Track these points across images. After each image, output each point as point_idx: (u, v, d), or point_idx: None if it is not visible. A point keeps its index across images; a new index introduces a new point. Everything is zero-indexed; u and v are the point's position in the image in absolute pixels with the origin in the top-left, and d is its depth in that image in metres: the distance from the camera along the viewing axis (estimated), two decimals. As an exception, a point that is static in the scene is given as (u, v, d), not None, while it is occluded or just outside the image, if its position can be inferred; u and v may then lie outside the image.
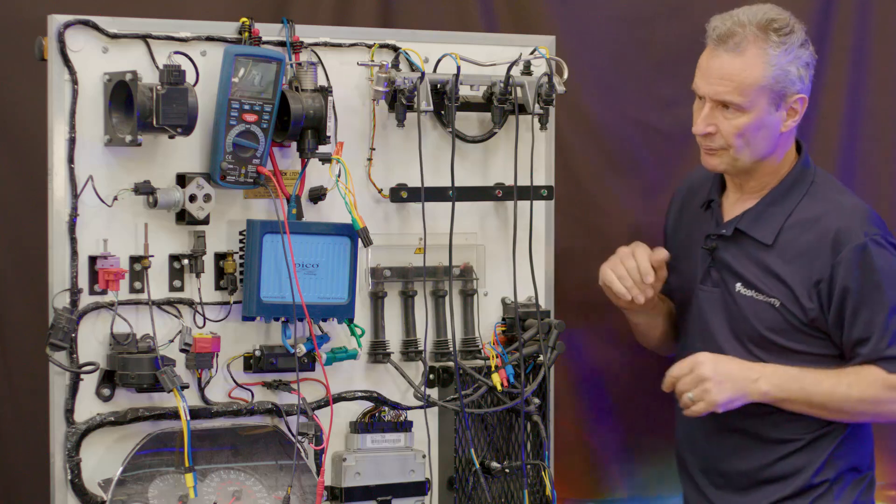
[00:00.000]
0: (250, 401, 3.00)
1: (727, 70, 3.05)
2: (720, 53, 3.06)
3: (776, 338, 3.11)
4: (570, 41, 3.48)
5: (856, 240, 3.04)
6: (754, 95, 3.04)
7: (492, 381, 3.18)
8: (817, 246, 3.07)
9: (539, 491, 3.26)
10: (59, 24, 2.81)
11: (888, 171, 4.00)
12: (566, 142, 3.62)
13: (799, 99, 3.08)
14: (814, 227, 3.09)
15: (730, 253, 3.16)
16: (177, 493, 2.88)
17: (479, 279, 3.24)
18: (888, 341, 3.04)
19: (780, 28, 3.05)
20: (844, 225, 3.06)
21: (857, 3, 3.92)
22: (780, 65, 3.03)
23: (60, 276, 2.83)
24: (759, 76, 3.03)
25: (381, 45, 3.10)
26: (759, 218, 3.14)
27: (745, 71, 3.03)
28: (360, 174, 3.10)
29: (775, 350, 3.11)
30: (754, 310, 3.12)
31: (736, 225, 3.15)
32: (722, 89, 3.05)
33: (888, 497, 4.09)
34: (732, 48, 3.04)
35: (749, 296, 3.13)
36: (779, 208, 3.13)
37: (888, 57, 3.95)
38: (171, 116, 2.78)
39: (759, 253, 3.12)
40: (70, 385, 2.84)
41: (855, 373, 3.06)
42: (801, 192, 3.14)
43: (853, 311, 3.05)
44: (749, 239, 3.14)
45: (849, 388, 3.06)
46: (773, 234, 3.11)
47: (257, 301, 2.93)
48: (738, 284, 3.14)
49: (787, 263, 3.09)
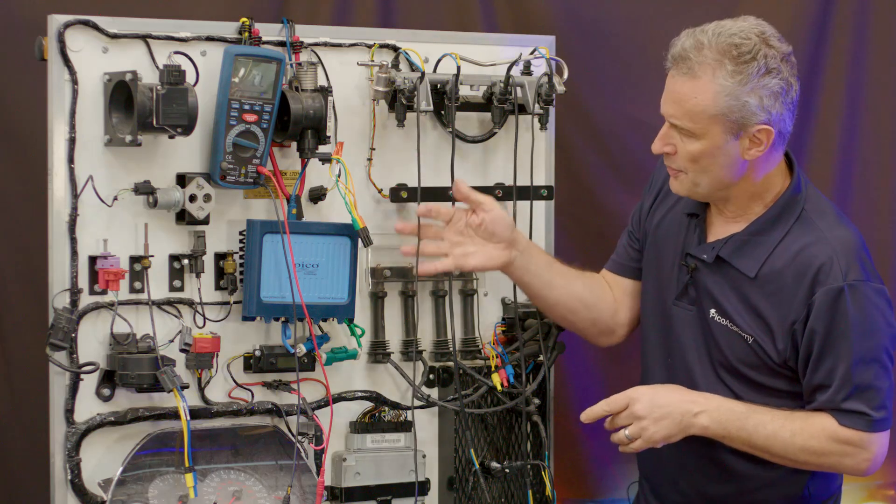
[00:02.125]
0: (250, 401, 3.00)
1: (678, 94, 2.86)
2: (674, 75, 2.87)
3: (746, 371, 2.96)
4: (570, 41, 3.48)
5: (833, 282, 2.86)
6: (705, 123, 2.84)
7: (492, 381, 3.18)
8: (797, 283, 2.89)
9: (539, 491, 3.26)
10: (59, 24, 2.81)
11: (888, 171, 4.00)
12: (566, 142, 3.62)
13: (763, 130, 2.84)
14: (796, 261, 2.90)
15: (709, 278, 2.98)
16: (177, 493, 2.88)
17: (479, 279, 3.24)
18: (846, 393, 2.88)
19: (741, 55, 2.82)
20: (826, 264, 2.87)
21: (857, 3, 3.92)
22: (735, 95, 2.81)
23: (60, 276, 2.83)
24: (709, 105, 2.82)
25: (381, 45, 3.11)
26: (743, 248, 2.95)
27: (695, 98, 2.83)
28: (360, 174, 3.10)
29: (744, 381, 2.97)
30: (727, 339, 2.96)
31: (718, 252, 2.96)
32: (672, 111, 2.87)
33: (887, 497, 4.10)
34: (685, 72, 2.85)
35: (723, 324, 2.96)
36: (765, 238, 2.94)
37: (888, 57, 3.96)
38: (171, 116, 2.78)
39: (740, 284, 2.95)
40: (70, 385, 2.84)
41: (803, 419, 2.91)
42: (788, 222, 2.94)
43: (817, 356, 2.89)
44: (731, 268, 2.96)
45: (792, 435, 2.90)
46: (756, 267, 2.93)
47: (257, 301, 2.93)
48: (713, 311, 2.97)
49: (768, 298, 2.92)
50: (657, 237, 3.12)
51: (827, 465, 2.95)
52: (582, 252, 3.61)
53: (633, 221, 3.20)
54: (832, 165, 3.92)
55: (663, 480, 3.12)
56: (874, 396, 2.90)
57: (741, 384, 2.97)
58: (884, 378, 2.91)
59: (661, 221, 3.12)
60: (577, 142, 3.75)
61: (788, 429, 2.91)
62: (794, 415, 2.93)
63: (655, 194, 3.16)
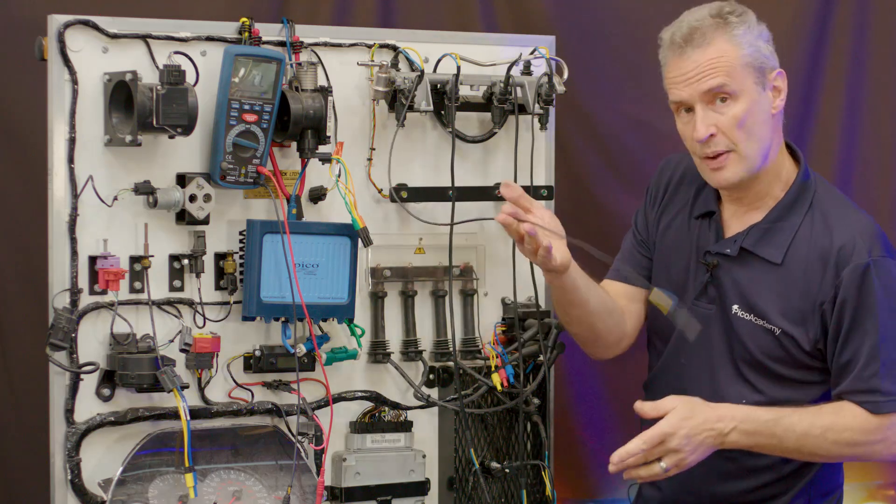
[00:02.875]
0: (250, 401, 3.00)
1: (704, 64, 2.91)
2: (689, 53, 2.92)
3: (771, 364, 2.98)
4: (570, 41, 3.48)
5: (858, 259, 2.91)
6: (741, 76, 2.91)
7: (492, 381, 3.18)
8: (822, 267, 2.94)
9: (539, 491, 3.26)
10: (59, 24, 2.81)
11: (888, 170, 4.00)
12: (566, 142, 3.62)
13: (778, 73, 2.96)
14: (819, 244, 2.95)
15: (733, 272, 3.01)
16: (177, 493, 2.88)
17: (479, 279, 3.24)
18: (873, 370, 2.90)
19: (733, 11, 2.96)
20: (848, 243, 2.92)
21: (857, 3, 3.92)
22: (750, 41, 2.93)
23: (60, 276, 2.83)
24: (737, 55, 2.91)
25: (381, 45, 3.10)
26: (766, 236, 2.99)
27: (723, 55, 2.91)
28: (360, 174, 3.10)
29: (768, 374, 2.98)
30: (752, 334, 2.98)
31: (741, 244, 2.99)
32: (708, 80, 2.90)
33: (887, 497, 4.10)
34: (700, 43, 2.91)
35: (747, 319, 2.98)
36: (784, 224, 2.99)
37: (888, 57, 3.96)
38: (171, 116, 2.78)
39: (765, 273, 2.98)
40: (70, 385, 2.84)
41: (833, 413, 2.92)
42: (804, 207, 2.99)
43: (846, 334, 2.92)
44: (756, 258, 2.99)
45: (823, 432, 2.91)
46: (781, 253, 2.96)
47: (257, 301, 2.93)
48: (735, 306, 2.99)
49: (795, 283, 2.95)
50: (664, 244, 3.13)
51: (861, 455, 2.98)
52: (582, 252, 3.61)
53: (639, 228, 3.20)
54: (832, 165, 3.92)
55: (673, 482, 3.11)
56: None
57: (764, 378, 2.98)
58: None
59: (668, 229, 3.14)
60: (577, 142, 3.75)
61: (819, 426, 2.91)
62: (822, 411, 2.94)
63: (659, 202, 3.17)
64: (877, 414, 2.91)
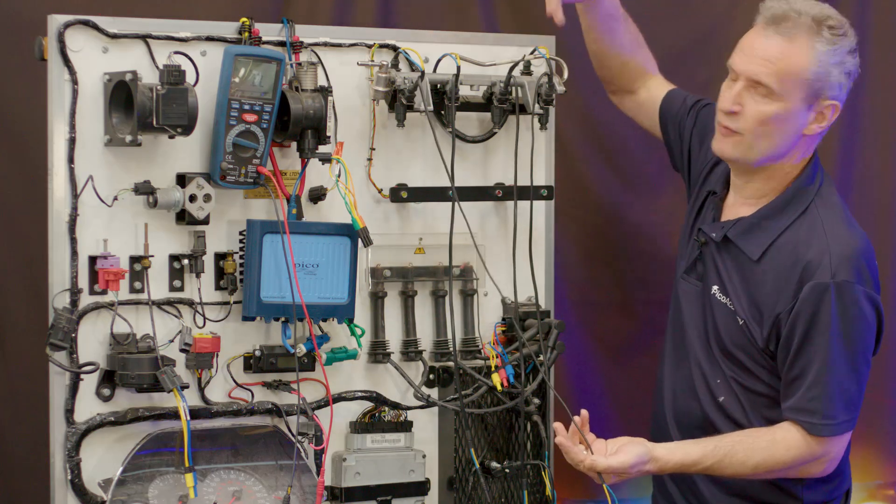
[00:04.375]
0: (250, 401, 3.00)
1: (772, 52, 2.92)
2: (770, 34, 2.93)
3: (736, 352, 3.02)
4: (570, 41, 3.48)
5: (820, 278, 2.91)
6: (791, 85, 2.92)
7: (492, 381, 3.18)
8: (790, 274, 2.95)
9: (539, 491, 3.26)
10: (59, 24, 2.81)
11: (888, 171, 4.00)
12: (566, 142, 3.62)
13: (832, 105, 2.96)
14: (794, 252, 2.96)
15: (717, 255, 3.07)
16: (177, 493, 2.88)
17: (479, 279, 3.24)
18: (816, 392, 2.92)
19: (835, 27, 2.94)
20: (817, 259, 2.92)
21: (857, 3, 3.92)
22: (825, 62, 2.92)
23: (60, 276, 2.83)
24: (802, 67, 2.91)
25: (381, 45, 3.11)
26: (751, 230, 3.03)
27: (790, 58, 2.91)
28: (360, 174, 3.10)
29: (735, 363, 3.02)
30: (724, 317, 3.03)
31: (726, 232, 3.04)
32: (762, 70, 2.92)
33: (888, 497, 4.10)
34: (784, 31, 2.91)
35: (723, 302, 3.03)
36: (772, 223, 3.01)
37: (888, 57, 3.96)
38: (171, 116, 2.78)
39: (743, 265, 3.02)
40: (70, 385, 2.84)
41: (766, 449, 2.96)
42: (796, 211, 3.01)
43: (796, 349, 2.93)
44: (736, 249, 3.04)
45: (754, 469, 2.95)
46: (760, 251, 3.00)
47: (257, 301, 2.93)
48: (715, 287, 3.05)
49: (764, 283, 2.98)
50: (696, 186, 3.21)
51: (792, 474, 3.01)
52: (582, 252, 3.61)
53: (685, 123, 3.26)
54: (832, 165, 3.92)
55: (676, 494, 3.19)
56: (842, 397, 2.93)
57: (733, 366, 3.03)
58: (853, 380, 2.94)
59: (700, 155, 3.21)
60: (577, 142, 3.74)
61: (751, 465, 2.96)
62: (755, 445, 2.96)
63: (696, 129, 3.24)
64: (814, 435, 2.95)
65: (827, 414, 2.93)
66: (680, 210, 3.55)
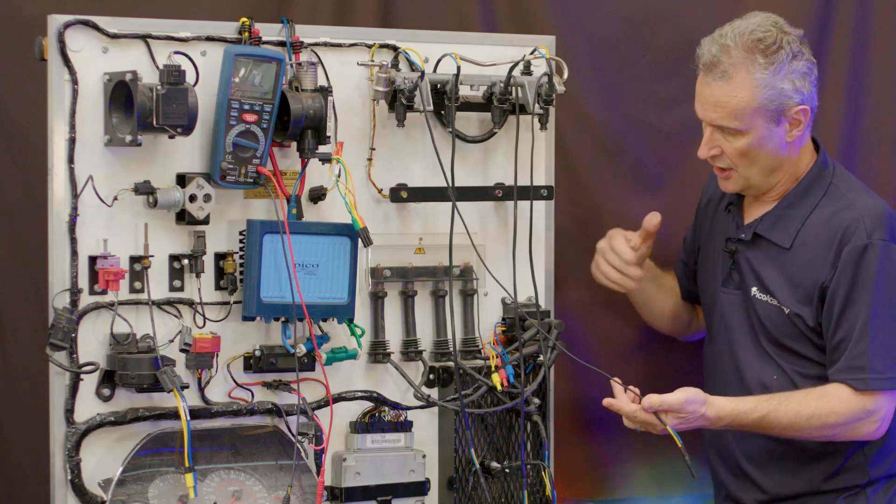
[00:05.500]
0: (250, 401, 3.00)
1: (717, 97, 3.06)
2: (709, 81, 3.07)
3: (786, 341, 3.14)
4: (570, 41, 3.48)
5: (858, 240, 3.04)
6: (749, 118, 3.04)
7: (492, 381, 3.18)
8: (827, 248, 3.07)
9: (539, 491, 3.26)
10: (59, 24, 2.81)
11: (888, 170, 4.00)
12: (566, 142, 3.62)
13: (801, 111, 3.07)
14: (826, 227, 3.09)
15: (749, 256, 3.18)
16: (177, 493, 2.88)
17: (479, 279, 3.24)
18: (862, 348, 3.03)
19: (767, 47, 3.03)
20: (851, 224, 3.06)
21: (857, 3, 3.92)
22: (771, 85, 3.03)
23: (60, 276, 2.83)
24: (750, 100, 3.03)
25: (381, 45, 3.11)
26: (778, 221, 3.15)
27: (735, 97, 3.04)
28: (360, 174, 3.10)
29: (787, 352, 3.14)
30: (768, 314, 3.15)
31: (755, 229, 3.17)
32: (716, 115, 3.07)
33: (888, 497, 4.09)
34: (720, 76, 3.04)
35: (764, 300, 3.15)
36: (797, 211, 3.15)
37: (888, 57, 3.95)
38: (171, 116, 2.78)
39: (777, 256, 3.14)
40: (70, 385, 2.84)
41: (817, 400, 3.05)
42: (818, 194, 3.15)
43: (839, 313, 3.05)
44: (768, 242, 3.16)
45: (808, 420, 3.04)
46: (790, 238, 3.13)
47: (257, 301, 2.93)
48: (754, 289, 3.17)
49: (802, 267, 3.11)
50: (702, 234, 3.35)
51: (846, 434, 3.07)
52: (582, 252, 3.61)
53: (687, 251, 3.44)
54: (832, 165, 3.91)
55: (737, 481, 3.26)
56: (889, 353, 3.02)
57: (784, 353, 3.13)
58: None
59: (704, 219, 3.35)
60: (577, 142, 3.74)
61: (804, 415, 3.04)
62: (807, 397, 3.05)
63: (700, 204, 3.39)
64: (862, 391, 3.03)
65: (874, 367, 3.01)
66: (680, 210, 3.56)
